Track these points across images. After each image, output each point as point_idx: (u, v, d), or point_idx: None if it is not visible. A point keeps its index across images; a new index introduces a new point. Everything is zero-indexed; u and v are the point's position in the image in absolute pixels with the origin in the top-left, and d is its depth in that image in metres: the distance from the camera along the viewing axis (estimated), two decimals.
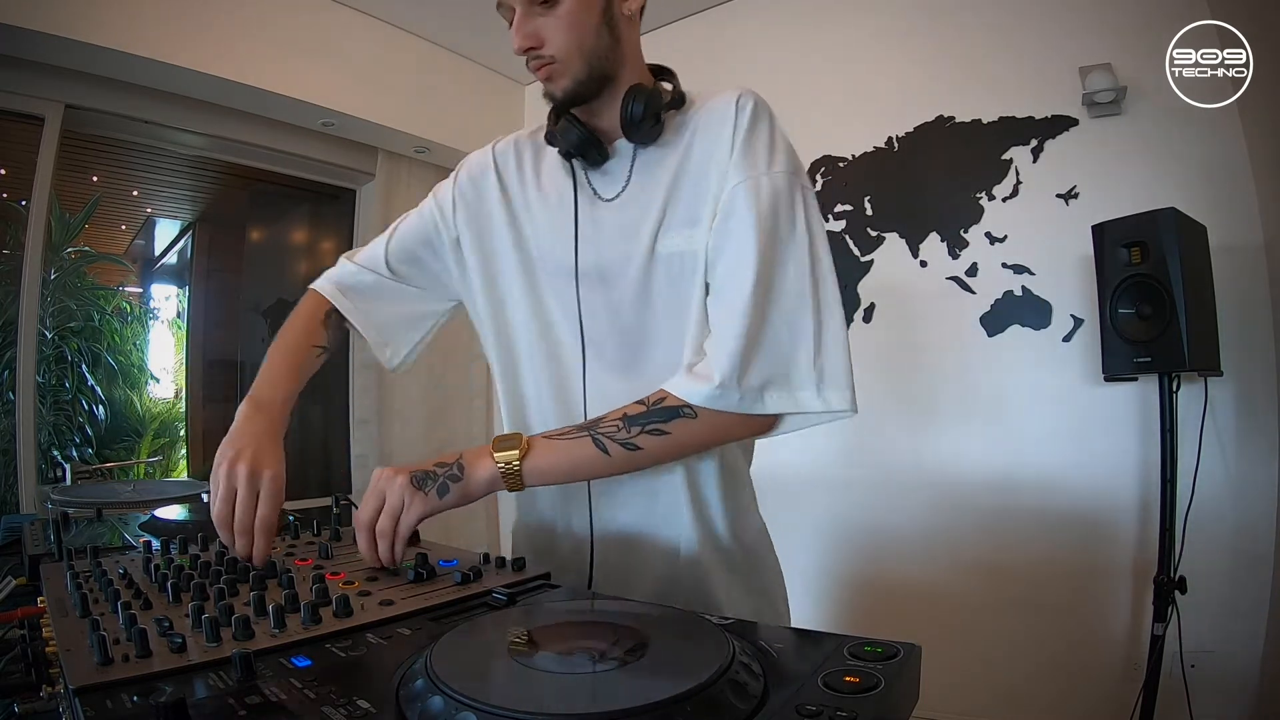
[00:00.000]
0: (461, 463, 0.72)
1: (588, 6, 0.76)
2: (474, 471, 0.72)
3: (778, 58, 2.73)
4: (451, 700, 0.38)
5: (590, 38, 0.77)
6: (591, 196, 0.86)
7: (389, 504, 0.70)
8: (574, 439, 0.72)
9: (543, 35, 0.76)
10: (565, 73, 0.78)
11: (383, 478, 0.71)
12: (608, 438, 0.71)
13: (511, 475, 0.71)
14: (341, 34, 2.68)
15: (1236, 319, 1.89)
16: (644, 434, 0.71)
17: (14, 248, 2.30)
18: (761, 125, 0.79)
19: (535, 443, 0.73)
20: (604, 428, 0.72)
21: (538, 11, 0.76)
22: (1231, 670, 1.86)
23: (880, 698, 0.38)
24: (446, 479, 0.71)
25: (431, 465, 0.72)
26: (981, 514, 2.24)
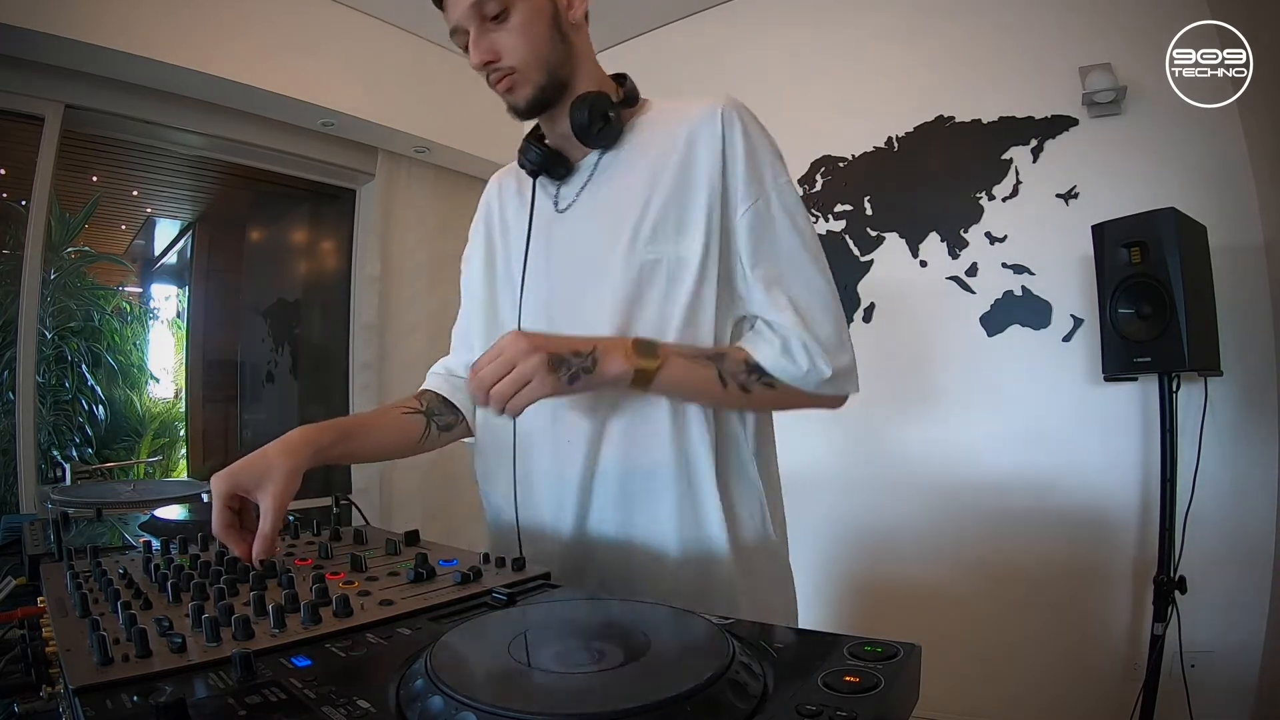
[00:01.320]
0: (596, 355, 0.73)
1: (538, 16, 0.80)
2: (607, 366, 0.73)
3: (778, 57, 2.73)
4: (451, 700, 0.38)
5: (545, 46, 0.81)
6: (547, 209, 0.90)
7: (518, 372, 0.70)
8: (703, 365, 0.77)
9: (499, 49, 0.80)
10: (526, 81, 0.82)
11: (519, 348, 0.71)
12: (730, 375, 0.78)
13: (644, 379, 0.74)
14: (341, 34, 2.68)
15: (1236, 319, 1.89)
16: (759, 383, 0.79)
17: (14, 248, 2.30)
18: (757, 138, 0.82)
19: (670, 358, 0.76)
20: (729, 364, 0.78)
21: (490, 28, 0.80)
22: (1231, 670, 1.86)
23: (880, 698, 0.38)
24: (580, 369, 0.72)
25: (568, 351, 0.73)
26: (981, 514, 2.24)
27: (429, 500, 3.09)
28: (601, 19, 3.09)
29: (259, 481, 0.73)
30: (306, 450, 0.77)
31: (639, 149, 0.85)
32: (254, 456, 0.75)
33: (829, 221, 2.59)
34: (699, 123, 0.81)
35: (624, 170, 0.85)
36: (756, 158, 0.81)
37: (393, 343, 3.01)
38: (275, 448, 0.76)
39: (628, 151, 0.86)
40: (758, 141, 0.82)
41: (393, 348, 3.01)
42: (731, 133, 0.80)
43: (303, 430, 0.79)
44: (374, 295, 2.97)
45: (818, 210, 2.61)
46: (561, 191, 0.90)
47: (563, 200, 0.89)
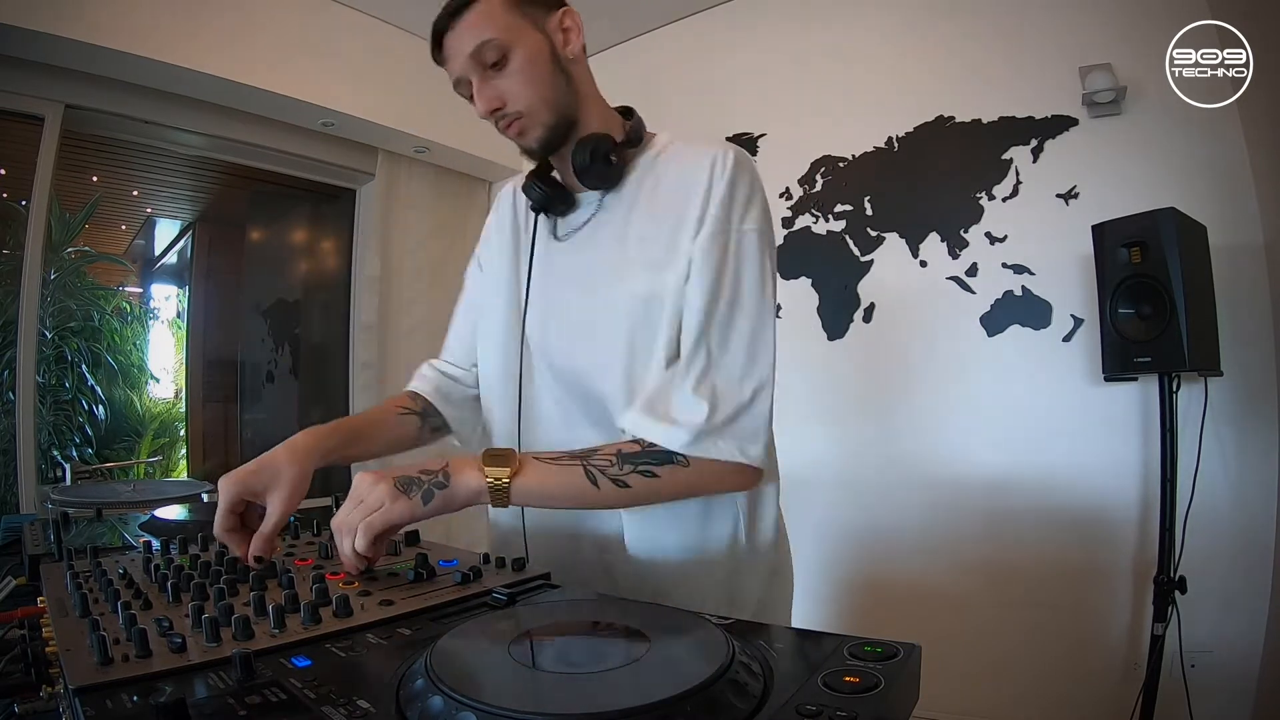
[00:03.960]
0: (448, 470, 0.70)
1: (537, 57, 0.80)
2: (460, 481, 0.70)
3: (778, 57, 2.73)
4: (451, 700, 0.38)
5: (548, 86, 0.81)
6: (548, 238, 0.91)
7: (366, 502, 0.68)
8: (566, 465, 0.72)
9: (503, 95, 0.80)
10: (535, 124, 0.82)
11: (364, 482, 0.69)
12: (600, 471, 0.72)
13: (499, 492, 0.70)
14: (341, 34, 2.69)
15: (1236, 319, 1.89)
16: (635, 473, 0.72)
17: (14, 248, 2.30)
18: (741, 181, 0.81)
19: (527, 462, 0.72)
20: (597, 460, 0.73)
21: (492, 75, 0.80)
22: (1231, 670, 1.86)
23: (880, 698, 0.38)
24: (431, 485, 0.69)
25: (417, 471, 0.70)
26: (981, 514, 2.24)
27: None
28: (601, 19, 3.10)
29: (268, 486, 0.73)
30: (314, 454, 0.78)
31: (644, 190, 0.85)
32: (263, 461, 0.75)
33: (829, 221, 2.59)
34: (696, 169, 0.82)
35: (628, 209, 0.85)
36: (733, 196, 0.80)
37: (393, 343, 3.02)
38: (283, 453, 0.76)
39: (631, 191, 0.86)
40: (740, 184, 0.81)
41: (393, 348, 3.01)
42: (720, 175, 0.80)
43: (309, 433, 0.80)
44: (374, 295, 2.97)
45: (818, 210, 2.61)
46: (563, 223, 0.90)
47: (563, 230, 0.90)
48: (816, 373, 2.50)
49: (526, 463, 0.72)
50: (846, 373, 2.46)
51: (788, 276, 2.62)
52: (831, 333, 2.52)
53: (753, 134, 2.76)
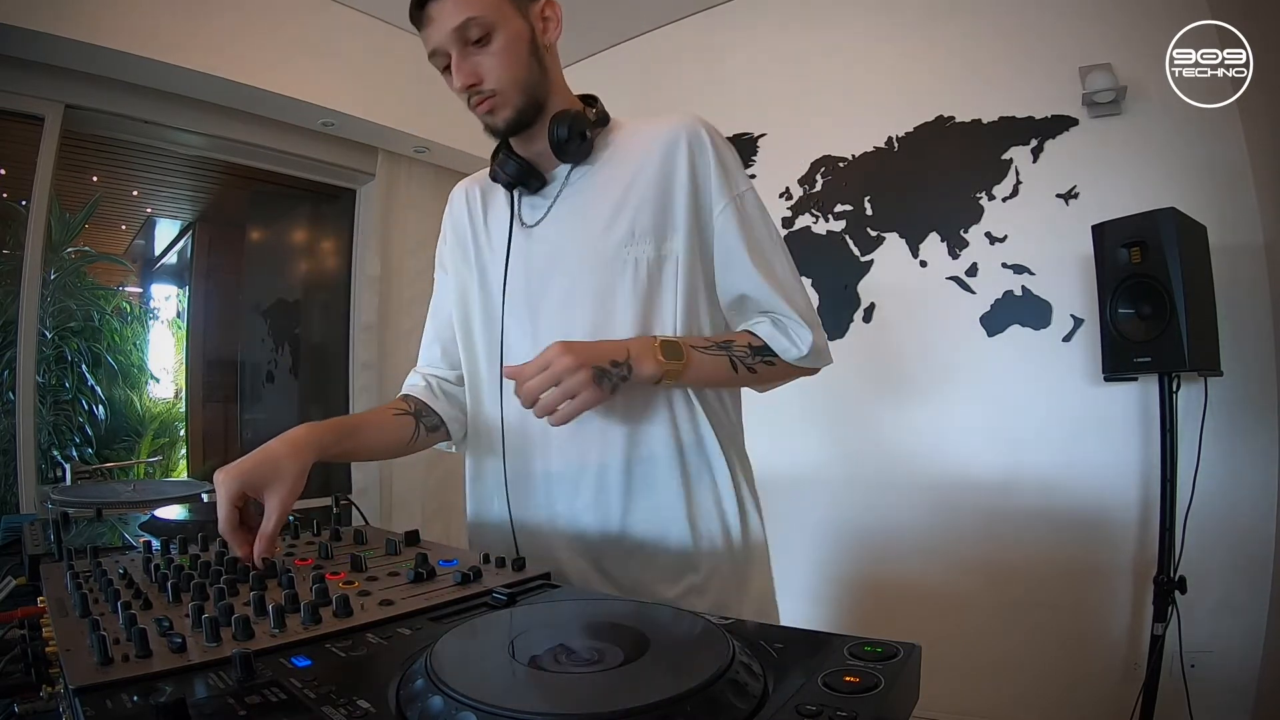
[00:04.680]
0: (630, 362, 0.79)
1: (518, 40, 0.84)
2: (641, 370, 0.80)
3: (778, 57, 2.73)
4: (451, 700, 0.38)
5: (524, 69, 0.85)
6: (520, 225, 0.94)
7: (566, 385, 0.75)
8: (716, 355, 0.85)
9: (481, 72, 0.84)
10: (506, 104, 0.86)
11: (565, 365, 0.76)
12: (739, 360, 0.86)
13: (674, 376, 0.81)
14: (341, 34, 2.68)
15: (1236, 319, 1.89)
16: (762, 362, 0.87)
17: (14, 248, 2.30)
18: (724, 150, 0.90)
19: (692, 353, 0.83)
20: (737, 350, 0.86)
21: (472, 51, 0.83)
22: (1231, 670, 1.86)
23: (880, 698, 0.38)
24: (619, 377, 0.79)
25: (607, 361, 0.78)
26: (981, 514, 2.24)
27: (429, 500, 3.09)
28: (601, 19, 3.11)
29: (268, 482, 0.74)
30: (311, 449, 0.79)
31: (611, 162, 0.90)
32: (260, 455, 0.76)
33: (829, 221, 2.59)
34: (673, 136, 0.88)
35: (596, 181, 0.90)
36: (726, 166, 0.89)
37: (393, 343, 3.01)
38: (282, 447, 0.77)
39: (598, 165, 0.91)
40: (725, 153, 0.89)
41: (393, 348, 3.01)
42: (702, 145, 0.87)
43: (306, 428, 0.81)
44: (374, 295, 2.97)
45: (818, 210, 2.61)
46: (531, 204, 0.94)
47: (532, 215, 0.93)
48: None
49: (691, 355, 0.83)
50: (846, 373, 2.45)
51: None
52: (831, 333, 2.52)
53: (753, 134, 2.76)
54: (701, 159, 0.87)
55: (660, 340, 0.82)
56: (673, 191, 0.87)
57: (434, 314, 1.07)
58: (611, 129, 0.93)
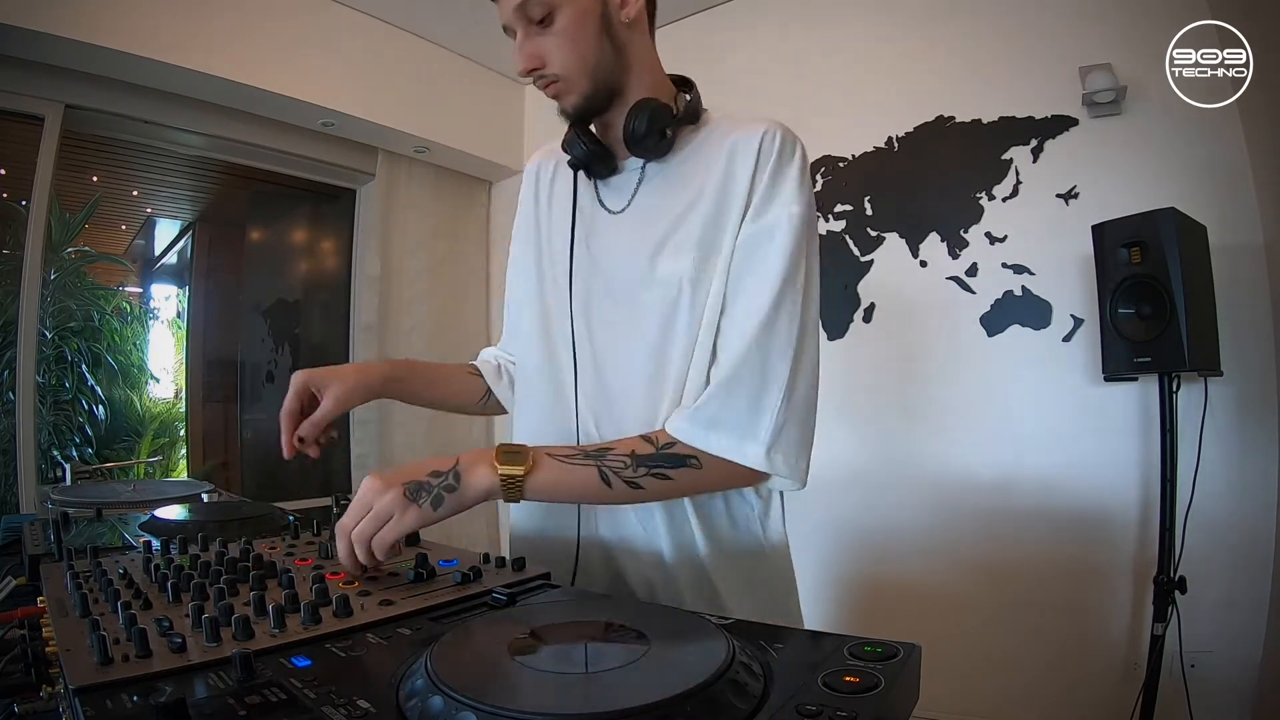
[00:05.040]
0: (458, 470, 0.68)
1: (585, 20, 0.76)
2: (471, 480, 0.68)
3: (778, 57, 2.73)
4: (451, 700, 0.38)
5: (591, 52, 0.77)
6: (594, 208, 0.86)
7: (376, 511, 0.65)
8: (580, 465, 0.71)
9: (544, 55, 0.76)
10: (571, 89, 0.78)
11: (372, 489, 0.66)
12: (614, 472, 0.71)
13: (513, 489, 0.69)
14: (341, 34, 2.68)
15: (1236, 319, 1.89)
16: (649, 475, 0.72)
17: (14, 248, 2.30)
18: (788, 164, 0.77)
19: (541, 460, 0.70)
20: (611, 461, 0.71)
21: (536, 31, 0.76)
22: (1231, 670, 1.86)
23: (880, 698, 0.38)
24: (441, 489, 0.67)
25: (425, 475, 0.68)
26: (981, 514, 2.24)
27: None
28: None
29: (329, 381, 0.82)
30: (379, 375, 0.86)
31: (687, 165, 0.82)
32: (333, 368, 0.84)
33: (829, 221, 2.59)
34: (741, 145, 0.78)
35: (670, 183, 0.82)
36: (780, 185, 0.76)
37: (393, 343, 3.01)
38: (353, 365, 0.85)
39: (675, 165, 0.82)
40: (788, 165, 0.77)
41: (393, 348, 3.01)
42: (769, 155, 0.77)
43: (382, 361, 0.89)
44: (374, 295, 2.97)
45: (817, 210, 2.61)
46: (607, 192, 0.87)
47: (611, 201, 0.86)
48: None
49: (541, 460, 0.70)
50: (846, 373, 2.46)
51: None
52: (831, 333, 2.52)
53: None
54: (761, 169, 0.76)
55: (500, 446, 0.71)
56: (727, 208, 0.77)
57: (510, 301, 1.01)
58: (700, 125, 0.84)
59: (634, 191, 0.84)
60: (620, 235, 0.83)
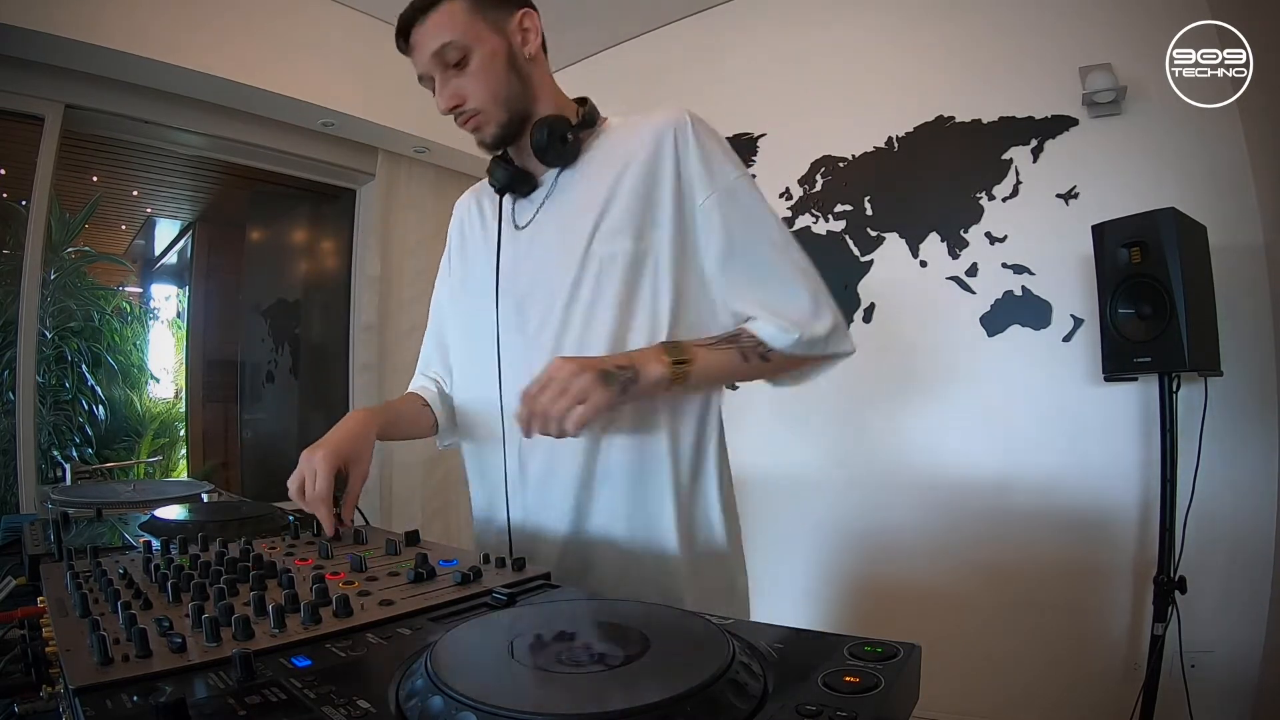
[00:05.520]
0: (635, 366, 0.78)
1: (493, 59, 0.87)
2: (648, 372, 0.78)
3: (778, 58, 2.73)
4: (451, 700, 0.38)
5: (502, 86, 0.88)
6: (508, 226, 0.96)
7: (573, 390, 0.74)
8: (725, 349, 0.84)
9: (463, 93, 0.87)
10: (489, 121, 0.89)
11: (568, 370, 0.75)
12: (750, 350, 0.85)
13: (683, 376, 0.80)
14: (341, 34, 2.68)
15: (1236, 319, 1.89)
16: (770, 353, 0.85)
17: (14, 248, 2.30)
18: (708, 140, 0.88)
19: (697, 351, 0.82)
20: (745, 341, 0.85)
21: (452, 74, 0.87)
22: (1231, 670, 1.86)
23: (880, 698, 0.38)
24: (626, 380, 0.77)
25: (612, 365, 0.77)
26: (981, 514, 2.24)
27: (429, 500, 3.09)
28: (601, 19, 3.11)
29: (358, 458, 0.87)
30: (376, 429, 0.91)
31: (597, 162, 0.91)
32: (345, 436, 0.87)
33: (829, 221, 2.59)
34: (658, 130, 0.87)
35: (581, 182, 0.91)
36: (709, 158, 0.87)
37: (393, 343, 3.01)
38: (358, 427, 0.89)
39: (585, 166, 0.92)
40: (710, 144, 0.88)
41: (393, 348, 3.01)
42: (685, 137, 0.87)
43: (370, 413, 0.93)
44: (374, 295, 2.97)
45: (818, 210, 2.61)
46: (520, 207, 0.96)
47: (521, 217, 0.96)
48: None
49: (697, 351, 0.82)
50: (846, 373, 2.44)
51: None
52: None
53: (753, 134, 2.76)
54: (685, 151, 0.87)
55: (663, 343, 0.82)
56: (657, 186, 0.87)
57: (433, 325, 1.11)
58: (602, 129, 0.94)
59: (541, 203, 0.94)
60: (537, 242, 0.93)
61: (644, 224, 0.86)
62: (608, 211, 0.87)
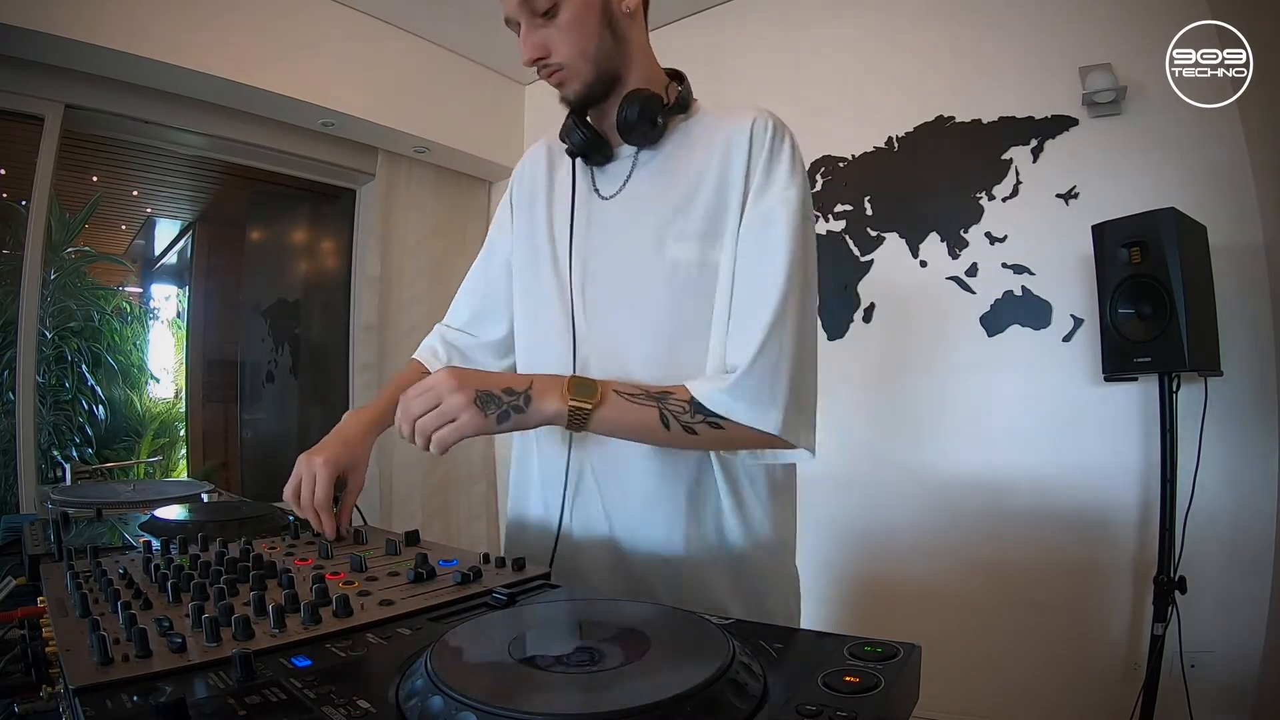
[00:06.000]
0: (530, 394, 0.73)
1: (587, 11, 0.79)
2: (541, 405, 0.73)
3: (778, 57, 2.73)
4: (451, 700, 0.38)
5: (593, 42, 0.81)
6: (590, 193, 0.89)
7: (443, 408, 0.70)
8: (644, 405, 0.75)
9: (548, 45, 0.80)
10: (574, 78, 0.82)
11: (445, 384, 0.71)
12: (674, 415, 0.75)
13: (580, 419, 0.73)
14: (341, 34, 2.68)
15: (1236, 319, 1.88)
16: (705, 423, 0.75)
17: (14, 248, 2.30)
18: (781, 150, 0.81)
19: (609, 395, 0.74)
20: (672, 405, 0.75)
21: (540, 23, 0.79)
22: (1231, 670, 1.86)
23: (880, 698, 0.38)
24: (510, 407, 0.72)
25: (499, 389, 0.72)
26: (981, 514, 2.24)
27: (429, 500, 3.09)
28: None
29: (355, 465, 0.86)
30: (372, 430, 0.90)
31: (679, 152, 0.85)
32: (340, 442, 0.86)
33: (829, 221, 2.59)
34: (735, 133, 0.82)
35: (663, 170, 0.85)
36: (775, 171, 0.80)
37: (393, 343, 3.02)
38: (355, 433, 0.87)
39: (668, 152, 0.86)
40: (783, 156, 0.81)
41: (393, 348, 3.01)
42: (762, 142, 0.81)
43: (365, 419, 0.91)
44: (374, 295, 2.97)
45: (818, 210, 2.61)
46: (602, 178, 0.90)
47: (605, 187, 0.89)
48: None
49: (609, 395, 0.74)
50: (846, 373, 2.46)
51: None
52: (831, 333, 2.52)
53: None
54: (756, 156, 0.80)
55: (572, 377, 0.75)
56: (728, 192, 0.81)
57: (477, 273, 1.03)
58: (690, 114, 0.88)
59: (626, 178, 0.87)
60: (614, 220, 0.87)
61: (712, 234, 0.81)
62: (685, 211, 0.82)
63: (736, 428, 0.75)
